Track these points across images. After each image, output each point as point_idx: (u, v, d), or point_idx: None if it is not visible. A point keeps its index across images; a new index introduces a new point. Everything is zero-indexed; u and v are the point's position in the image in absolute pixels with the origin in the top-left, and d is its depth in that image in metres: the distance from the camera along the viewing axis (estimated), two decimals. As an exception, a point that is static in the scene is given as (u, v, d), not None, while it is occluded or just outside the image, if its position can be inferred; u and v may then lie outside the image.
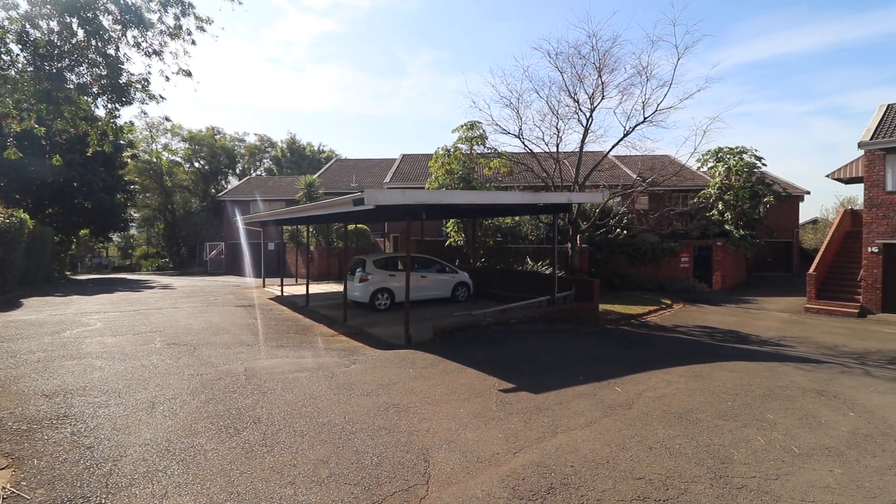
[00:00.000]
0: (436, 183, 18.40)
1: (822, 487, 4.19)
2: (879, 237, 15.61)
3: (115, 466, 4.30)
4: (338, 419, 5.52)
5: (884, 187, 15.59)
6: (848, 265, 18.07)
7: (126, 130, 11.01)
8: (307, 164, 55.80)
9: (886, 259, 15.49)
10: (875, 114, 17.09)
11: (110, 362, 7.81)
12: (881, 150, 15.54)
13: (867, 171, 16.00)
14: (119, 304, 15.27)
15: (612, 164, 28.74)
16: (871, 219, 15.84)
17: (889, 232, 15.42)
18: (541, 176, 17.57)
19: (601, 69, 15.80)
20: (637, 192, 19.52)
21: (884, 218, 15.54)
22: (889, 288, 15.44)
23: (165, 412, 5.63)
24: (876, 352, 10.41)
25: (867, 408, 6.33)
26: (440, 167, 18.24)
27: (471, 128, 18.11)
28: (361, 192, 8.25)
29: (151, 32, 8.63)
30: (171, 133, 48.59)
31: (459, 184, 17.88)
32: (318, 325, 11.93)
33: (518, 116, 17.52)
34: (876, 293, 15.61)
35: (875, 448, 5.05)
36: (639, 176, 20.44)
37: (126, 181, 33.93)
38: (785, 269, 30.09)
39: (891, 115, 16.60)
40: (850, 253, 18.58)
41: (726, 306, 17.38)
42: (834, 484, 4.26)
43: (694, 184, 26.80)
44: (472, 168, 18.80)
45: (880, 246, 15.57)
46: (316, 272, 25.07)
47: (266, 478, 4.16)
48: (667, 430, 5.39)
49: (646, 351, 9.70)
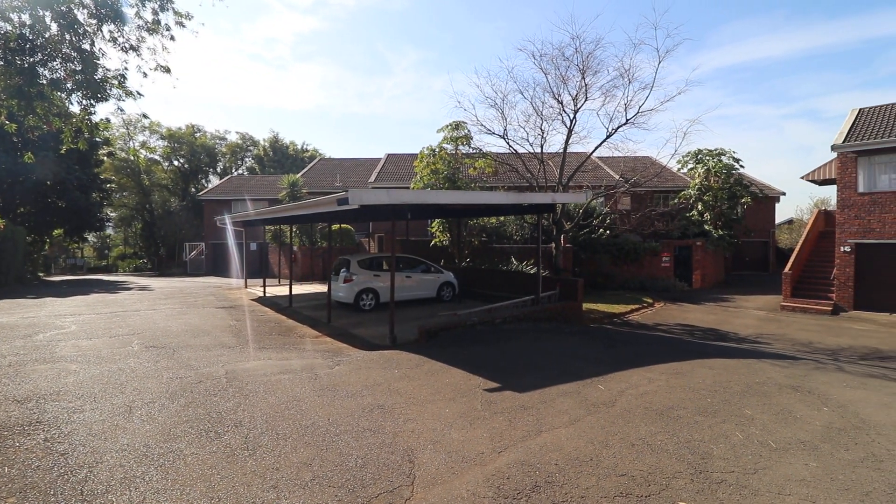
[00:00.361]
0: (421, 183, 18.37)
1: (797, 481, 4.31)
2: (852, 237, 16.11)
3: (90, 473, 4.18)
4: (322, 421, 5.46)
5: (856, 189, 16.10)
6: (822, 264, 18.62)
7: (102, 127, 10.74)
8: (290, 163, 55.16)
9: (858, 258, 16.00)
10: (847, 117, 17.64)
11: (85, 366, 7.59)
12: (853, 153, 16.05)
13: (840, 173, 16.50)
14: (95, 306, 14.87)
15: (596, 164, 29.09)
16: (843, 219, 16.34)
17: (861, 232, 15.93)
18: (525, 176, 17.69)
19: (584, 71, 15.99)
20: (620, 193, 19.78)
21: (856, 218, 16.05)
22: (861, 286, 15.95)
23: (143, 417, 5.50)
24: (848, 348, 10.74)
25: (840, 402, 6.53)
26: (425, 167, 18.23)
27: (456, 128, 18.14)
28: (346, 191, 8.19)
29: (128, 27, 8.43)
30: (149, 131, 47.50)
31: (444, 184, 17.89)
32: (301, 326, 11.80)
33: (503, 117, 17.63)
34: (848, 291, 16.11)
35: (848, 442, 5.21)
36: (621, 177, 20.74)
37: (102, 179, 33.06)
38: (762, 268, 30.86)
39: (863, 118, 17.16)
40: (823, 252, 19.15)
41: (706, 305, 17.74)
42: (809, 477, 4.38)
43: (674, 185, 27.31)
44: (457, 168, 18.83)
45: (852, 245, 16.07)
46: (299, 273, 24.80)
47: (248, 482, 4.09)
48: (649, 427, 5.47)
49: (628, 349, 9.84)
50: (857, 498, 4.03)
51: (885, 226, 15.41)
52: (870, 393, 7.03)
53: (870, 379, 7.88)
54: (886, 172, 15.73)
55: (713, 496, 4.01)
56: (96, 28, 8.08)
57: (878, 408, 6.35)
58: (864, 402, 6.56)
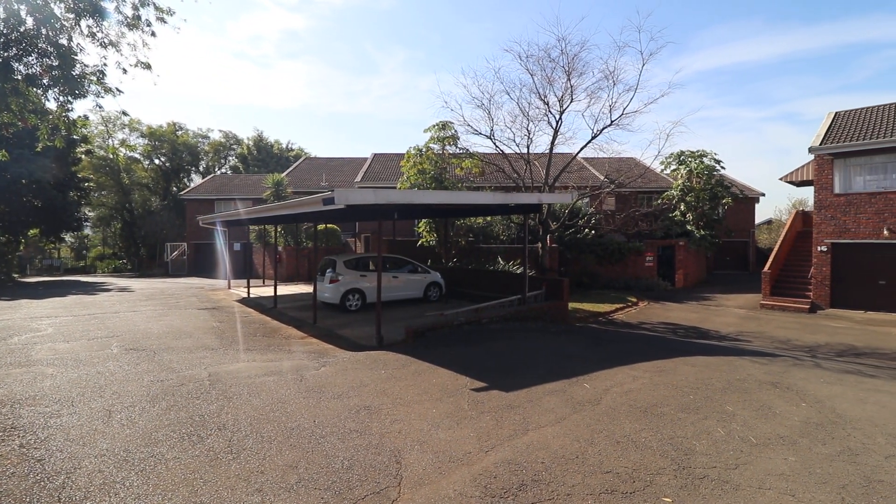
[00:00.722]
0: (408, 182, 18.34)
1: (777, 475, 4.40)
2: (828, 237, 16.55)
3: (68, 479, 4.07)
4: (307, 423, 5.41)
5: (832, 190, 16.54)
6: (799, 263, 19.09)
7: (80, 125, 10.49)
8: (275, 162, 54.48)
9: (834, 257, 16.44)
10: (824, 121, 18.12)
11: (63, 369, 7.40)
12: (829, 155, 16.49)
13: (817, 174, 16.93)
14: (72, 307, 14.49)
15: (581, 165, 29.38)
16: (820, 220, 16.78)
17: (837, 232, 16.37)
18: (512, 177, 17.78)
19: (570, 73, 16.14)
20: (604, 194, 20.01)
21: (832, 219, 16.49)
22: (837, 285, 16.40)
23: (123, 421, 5.38)
24: (825, 345, 11.03)
25: (818, 398, 6.70)
26: (412, 167, 18.20)
27: (443, 128, 18.15)
28: (332, 191, 8.12)
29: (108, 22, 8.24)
30: (129, 128, 46.48)
31: (431, 184, 17.88)
32: (286, 327, 11.67)
33: (489, 117, 17.68)
34: (825, 289, 16.54)
35: (825, 436, 5.35)
36: (606, 177, 21.00)
37: (80, 178, 32.22)
38: (742, 267, 31.52)
39: (839, 122, 17.64)
40: (801, 252, 19.64)
41: (688, 303, 18.05)
42: (788, 471, 4.48)
43: (658, 185, 27.72)
44: (444, 168, 18.84)
45: (829, 245, 16.51)
46: (284, 273, 24.52)
47: (232, 486, 4.03)
48: (633, 424, 5.54)
49: (613, 348, 9.96)
50: (833, 491, 4.14)
51: (859, 226, 15.86)
52: (846, 388, 7.23)
53: (846, 375, 8.11)
54: (861, 174, 16.19)
55: (696, 492, 4.08)
56: (74, 22, 7.88)
57: (853, 403, 6.53)
58: (840, 398, 6.74)
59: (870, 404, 6.49)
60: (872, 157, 15.79)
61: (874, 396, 6.85)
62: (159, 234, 38.96)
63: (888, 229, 15.20)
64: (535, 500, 3.90)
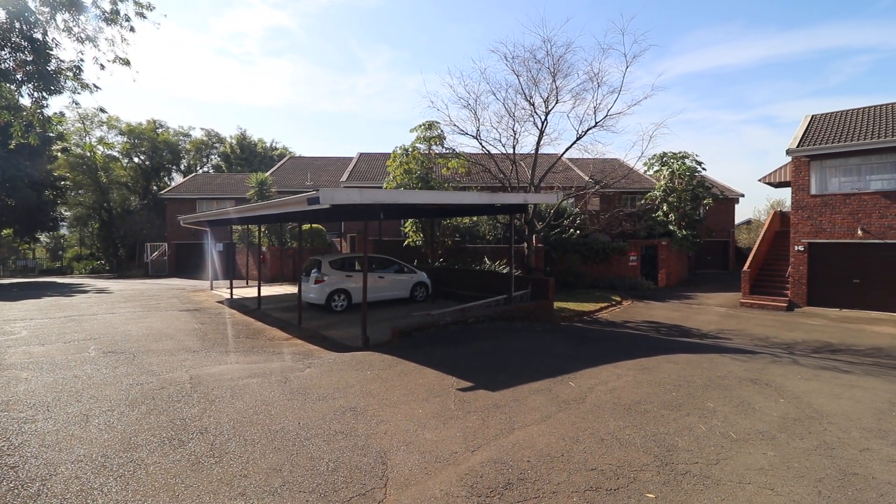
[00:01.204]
0: (394, 182, 18.26)
1: (756, 469, 4.50)
2: (805, 237, 16.99)
3: (43, 486, 3.95)
4: (292, 425, 5.35)
5: (808, 191, 16.99)
6: (778, 262, 19.56)
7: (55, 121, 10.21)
8: (259, 161, 53.70)
9: (811, 257, 16.89)
10: (801, 124, 18.60)
11: (38, 373, 7.18)
12: (806, 157, 16.92)
13: (794, 176, 17.37)
14: (48, 310, 14.09)
15: (566, 166, 29.64)
16: (797, 220, 17.22)
17: (813, 232, 16.81)
18: (498, 177, 17.84)
19: (555, 74, 16.27)
20: (589, 194, 20.22)
21: (808, 219, 16.93)
22: (813, 283, 16.84)
23: (101, 425, 5.24)
24: (802, 342, 11.32)
25: (795, 394, 6.87)
26: (398, 166, 18.13)
27: (429, 128, 18.12)
28: (317, 190, 8.04)
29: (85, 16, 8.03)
30: (107, 126, 45.31)
31: (418, 183, 17.84)
32: (270, 328, 11.52)
33: (476, 118, 17.72)
34: (802, 288, 16.98)
35: (802, 431, 5.48)
36: (591, 178, 21.22)
37: (56, 177, 31.41)
38: (722, 266, 32.15)
39: (815, 125, 18.12)
40: (779, 251, 20.12)
41: (671, 302, 18.35)
42: (767, 466, 4.59)
43: (641, 186, 28.11)
44: (430, 168, 18.81)
45: (805, 245, 16.95)
46: (268, 274, 24.21)
47: (214, 490, 3.96)
48: (617, 422, 5.60)
49: (598, 346, 10.07)
50: (811, 484, 4.25)
51: (835, 226, 16.32)
52: (822, 384, 7.43)
53: (822, 371, 8.33)
54: (836, 176, 16.66)
55: (678, 487, 4.14)
56: (49, 16, 7.66)
57: (829, 398, 6.72)
58: (816, 393, 6.92)
59: (845, 399, 6.68)
60: (847, 160, 16.26)
61: (849, 392, 7.05)
62: (139, 234, 38.09)
63: (862, 229, 15.66)
64: (520, 499, 3.91)
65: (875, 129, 16.03)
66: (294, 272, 24.00)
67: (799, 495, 4.05)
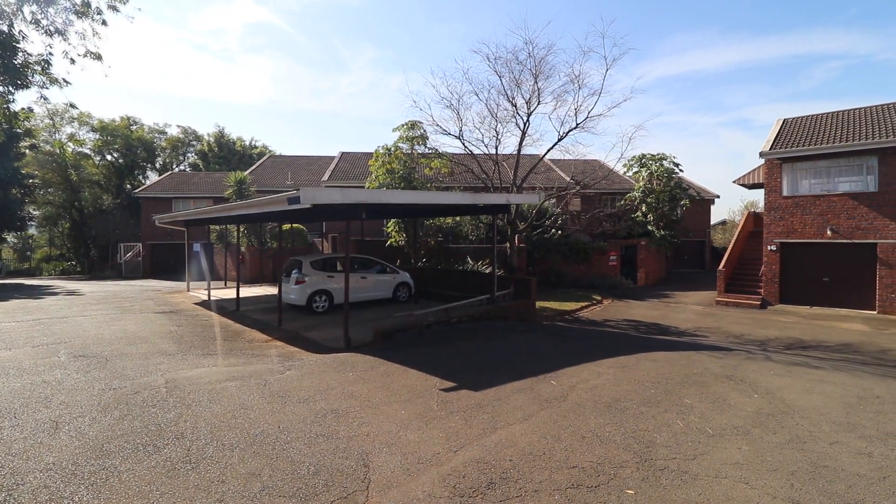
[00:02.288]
0: (376, 182, 18.15)
1: (732, 464, 4.61)
2: (777, 237, 17.51)
3: (9, 497, 3.79)
4: (271, 429, 5.26)
5: (781, 192, 17.51)
6: (752, 262, 20.12)
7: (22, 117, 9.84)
8: (237, 159, 52.70)
9: (783, 256, 17.41)
10: (773, 127, 19.17)
11: (4, 379, 6.90)
12: (778, 160, 17.44)
13: (767, 177, 17.89)
14: (14, 312, 13.56)
15: (548, 166, 29.92)
16: (770, 220, 17.73)
17: (785, 232, 17.34)
18: (481, 177, 17.90)
19: (537, 75, 16.40)
20: (570, 194, 20.46)
21: (781, 220, 17.45)
22: (786, 282, 17.37)
23: (72, 432, 5.06)
24: (775, 339, 11.65)
25: (768, 389, 7.06)
26: (381, 166, 18.03)
27: (412, 127, 18.05)
28: (297, 190, 7.93)
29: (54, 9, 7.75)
30: (78, 122, 43.91)
31: (400, 183, 17.77)
32: (249, 330, 11.32)
33: (458, 118, 17.77)
34: (774, 286, 17.49)
35: (776, 426, 5.64)
36: (572, 179, 21.47)
37: (23, 175, 30.19)
38: (699, 265, 32.92)
39: (787, 128, 18.69)
40: (753, 251, 20.70)
41: (649, 301, 18.68)
42: (742, 460, 4.70)
43: (621, 187, 28.58)
44: (413, 168, 18.75)
45: (778, 244, 17.47)
46: (247, 275, 23.79)
47: (191, 497, 3.86)
48: (598, 420, 5.67)
49: (579, 345, 10.18)
50: (784, 477, 4.37)
51: (805, 227, 16.86)
52: (794, 380, 7.66)
53: (794, 367, 8.59)
54: (807, 178, 17.21)
55: (657, 483, 4.21)
56: (16, 8, 7.37)
57: (801, 393, 6.93)
58: (789, 389, 7.13)
59: (815, 394, 6.90)
60: (817, 162, 16.82)
61: (819, 387, 7.29)
62: (112, 235, 36.97)
63: (831, 230, 16.22)
64: (503, 498, 3.92)
65: (843, 133, 16.63)
66: (274, 273, 23.63)
67: (773, 488, 4.16)
